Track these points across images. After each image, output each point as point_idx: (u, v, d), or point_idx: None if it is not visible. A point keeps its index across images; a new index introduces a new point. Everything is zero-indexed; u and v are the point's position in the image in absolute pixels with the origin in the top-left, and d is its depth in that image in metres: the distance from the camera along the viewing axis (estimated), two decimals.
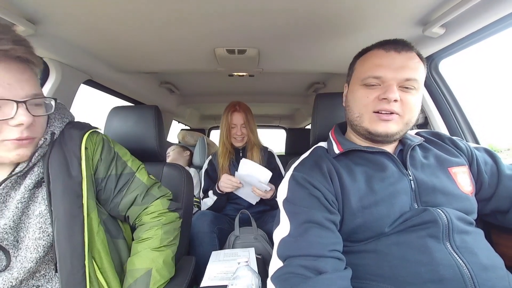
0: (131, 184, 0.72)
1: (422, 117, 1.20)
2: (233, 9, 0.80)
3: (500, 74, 7.32)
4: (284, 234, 0.56)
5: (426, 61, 0.60)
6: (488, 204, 0.64)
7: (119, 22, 0.86)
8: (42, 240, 0.56)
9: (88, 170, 0.64)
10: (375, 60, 0.62)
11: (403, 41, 0.63)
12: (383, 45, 0.63)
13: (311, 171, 0.63)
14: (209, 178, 1.46)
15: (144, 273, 0.64)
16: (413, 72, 0.59)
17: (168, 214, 0.75)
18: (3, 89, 0.48)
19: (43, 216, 0.57)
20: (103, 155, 0.68)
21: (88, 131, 0.67)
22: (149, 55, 1.18)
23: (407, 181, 0.59)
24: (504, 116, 4.69)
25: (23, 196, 0.55)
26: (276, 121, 3.46)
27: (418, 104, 0.61)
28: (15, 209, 0.54)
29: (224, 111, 1.44)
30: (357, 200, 0.58)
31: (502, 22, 0.79)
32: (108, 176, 0.68)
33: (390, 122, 0.60)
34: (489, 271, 0.49)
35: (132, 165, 0.74)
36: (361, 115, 0.63)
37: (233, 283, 0.62)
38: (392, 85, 0.58)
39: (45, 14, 0.79)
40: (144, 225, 0.71)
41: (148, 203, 0.73)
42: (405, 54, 0.60)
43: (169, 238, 0.71)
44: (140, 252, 0.67)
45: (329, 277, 0.48)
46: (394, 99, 0.57)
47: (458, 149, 0.67)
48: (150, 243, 0.68)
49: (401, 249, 0.53)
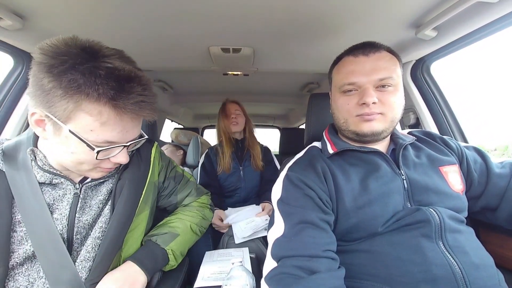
0: (182, 181, 0.84)
1: (414, 118, 1.22)
2: (229, 7, 0.79)
3: (489, 77, 7.54)
4: (278, 234, 0.57)
5: (418, 63, 0.61)
6: (478, 201, 0.65)
7: (111, 18, 0.84)
8: (99, 239, 0.59)
9: (152, 176, 0.72)
10: (347, 67, 0.64)
11: (370, 43, 0.64)
12: (352, 51, 0.65)
13: (305, 171, 0.64)
14: (205, 173, 1.46)
15: (172, 233, 0.72)
16: (385, 71, 0.60)
17: (209, 211, 0.88)
18: (121, 135, 0.53)
19: (105, 216, 0.61)
20: (163, 161, 0.79)
21: (156, 143, 0.78)
22: (142, 53, 1.16)
23: (400, 181, 0.60)
24: (491, 118, 4.84)
25: (103, 198, 0.62)
26: (270, 121, 3.47)
27: (398, 100, 0.62)
28: (97, 209, 0.60)
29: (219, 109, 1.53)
30: (351, 200, 0.58)
31: (492, 26, 0.81)
32: (168, 179, 0.80)
33: (374, 121, 0.61)
34: (480, 269, 0.50)
35: (178, 169, 0.86)
36: (346, 120, 0.65)
37: (227, 283, 0.62)
38: (367, 88, 0.60)
39: (33, 9, 0.76)
40: (192, 207, 0.83)
41: (199, 196, 0.87)
42: (373, 55, 0.62)
43: (201, 228, 0.82)
44: (177, 219, 0.77)
45: (322, 276, 0.48)
46: (372, 102, 0.59)
47: (449, 148, 0.69)
48: (190, 219, 0.79)
49: (394, 248, 0.54)
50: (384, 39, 1.03)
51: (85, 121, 0.48)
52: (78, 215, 0.58)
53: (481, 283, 0.48)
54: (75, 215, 0.57)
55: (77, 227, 0.57)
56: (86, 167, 0.55)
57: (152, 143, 0.77)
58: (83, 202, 0.59)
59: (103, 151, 0.52)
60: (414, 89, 1.19)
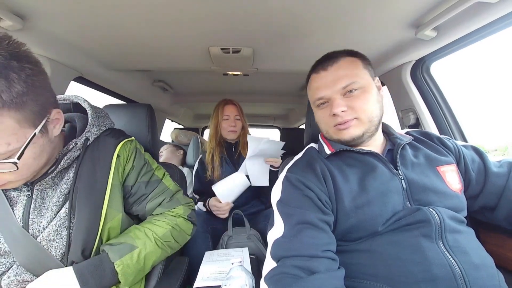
0: (157, 189, 0.73)
1: (414, 118, 1.22)
2: (229, 8, 0.79)
3: (489, 77, 7.50)
4: (278, 235, 0.57)
5: (418, 64, 0.61)
6: (476, 201, 0.66)
7: (112, 19, 0.84)
8: (55, 242, 0.58)
9: (116, 179, 0.65)
10: (313, 84, 0.69)
11: (328, 56, 0.68)
12: (315, 68, 0.70)
13: (304, 172, 0.64)
14: (198, 179, 1.42)
15: (129, 244, 0.61)
16: (346, 78, 0.63)
17: (186, 222, 0.75)
18: None
19: (61, 219, 0.58)
20: (135, 162, 0.70)
21: (123, 141, 0.69)
22: (142, 53, 1.16)
23: (398, 181, 0.60)
24: (491, 118, 4.82)
25: (58, 200, 0.58)
26: (270, 121, 3.46)
27: (369, 101, 0.63)
28: (50, 211, 0.58)
29: (215, 107, 1.42)
30: (350, 200, 0.59)
31: (492, 26, 0.81)
32: (138, 183, 0.70)
33: (351, 128, 0.63)
34: (480, 270, 0.50)
35: (158, 173, 0.76)
36: (327, 131, 0.69)
37: (227, 283, 0.62)
38: (334, 99, 0.63)
39: (33, 9, 0.76)
40: (162, 216, 0.72)
41: (172, 207, 0.74)
42: (331, 67, 0.66)
43: (170, 241, 0.69)
44: (142, 229, 0.66)
45: (321, 276, 0.48)
46: (342, 111, 0.62)
47: (446, 148, 0.69)
48: (156, 229, 0.67)
49: (394, 248, 0.54)
50: (384, 39, 1.03)
51: None
52: (32, 215, 0.57)
53: (481, 283, 0.48)
54: (29, 216, 0.57)
55: (32, 228, 0.57)
56: None
57: (120, 139, 0.68)
58: (40, 203, 0.58)
59: None
60: (414, 89, 1.19)
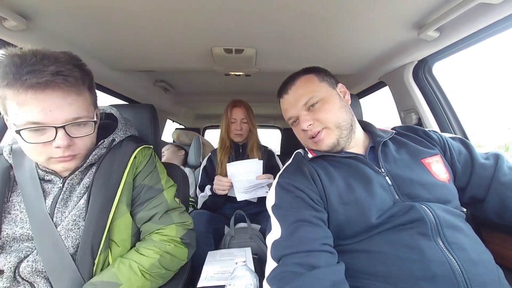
0: (154, 199, 0.71)
1: (416, 118, 1.22)
2: (232, 8, 0.79)
3: (490, 77, 7.52)
4: (276, 237, 0.58)
5: (420, 64, 0.62)
6: (465, 193, 0.67)
7: (114, 19, 0.84)
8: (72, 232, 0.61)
9: (130, 177, 0.69)
10: (282, 107, 0.78)
11: (286, 81, 0.76)
12: (279, 94, 0.78)
13: (293, 175, 0.67)
14: (206, 175, 1.47)
15: (111, 283, 0.58)
16: (304, 96, 0.69)
17: (179, 246, 0.70)
18: (44, 115, 0.53)
19: (80, 209, 0.63)
20: (146, 165, 0.74)
21: (142, 146, 0.75)
22: (144, 53, 1.16)
23: (382, 177, 0.62)
24: (492, 118, 4.83)
25: (80, 192, 0.65)
26: (271, 121, 3.46)
27: (331, 110, 0.67)
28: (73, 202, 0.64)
29: (225, 108, 1.47)
30: (336, 197, 0.61)
31: (495, 27, 0.82)
32: (141, 185, 0.72)
33: (324, 139, 0.68)
34: (478, 266, 0.50)
35: (165, 183, 0.76)
36: (305, 144, 0.76)
37: (231, 283, 0.62)
38: (300, 116, 0.70)
39: (37, 9, 0.77)
40: (151, 242, 0.67)
41: (164, 224, 0.70)
42: (291, 89, 0.73)
43: (159, 271, 0.64)
44: (127, 262, 0.62)
45: (322, 271, 0.49)
46: (309, 125, 0.68)
47: (431, 139, 0.71)
48: (142, 260, 0.63)
49: (392, 247, 0.54)
50: (386, 39, 1.03)
51: (11, 107, 0.53)
52: (59, 205, 0.63)
53: (480, 279, 0.48)
54: (56, 205, 0.63)
55: (56, 217, 0.62)
56: (43, 158, 0.58)
57: (139, 144, 0.74)
58: (67, 195, 0.64)
59: (28, 132, 0.54)
60: (416, 90, 1.19)
